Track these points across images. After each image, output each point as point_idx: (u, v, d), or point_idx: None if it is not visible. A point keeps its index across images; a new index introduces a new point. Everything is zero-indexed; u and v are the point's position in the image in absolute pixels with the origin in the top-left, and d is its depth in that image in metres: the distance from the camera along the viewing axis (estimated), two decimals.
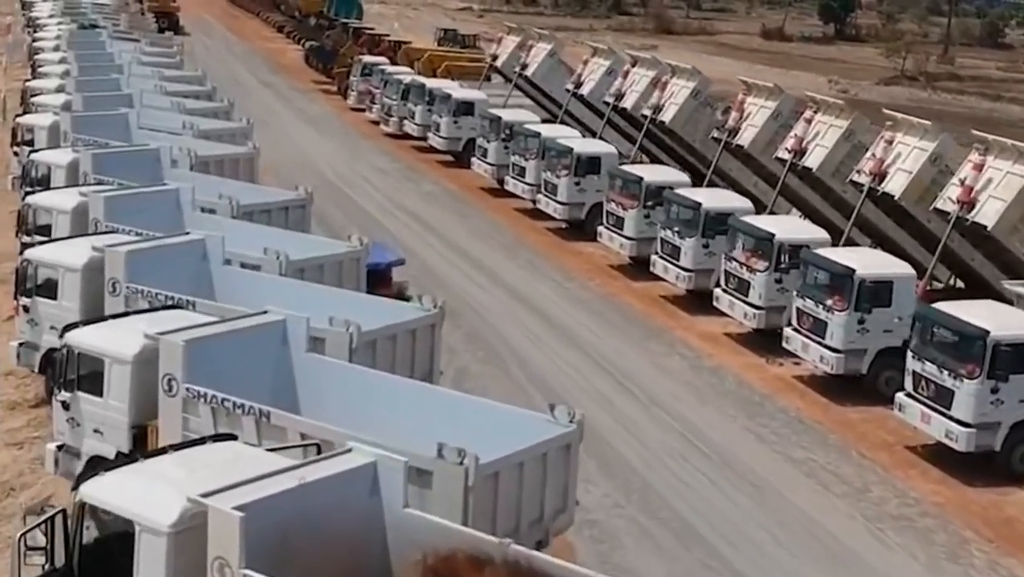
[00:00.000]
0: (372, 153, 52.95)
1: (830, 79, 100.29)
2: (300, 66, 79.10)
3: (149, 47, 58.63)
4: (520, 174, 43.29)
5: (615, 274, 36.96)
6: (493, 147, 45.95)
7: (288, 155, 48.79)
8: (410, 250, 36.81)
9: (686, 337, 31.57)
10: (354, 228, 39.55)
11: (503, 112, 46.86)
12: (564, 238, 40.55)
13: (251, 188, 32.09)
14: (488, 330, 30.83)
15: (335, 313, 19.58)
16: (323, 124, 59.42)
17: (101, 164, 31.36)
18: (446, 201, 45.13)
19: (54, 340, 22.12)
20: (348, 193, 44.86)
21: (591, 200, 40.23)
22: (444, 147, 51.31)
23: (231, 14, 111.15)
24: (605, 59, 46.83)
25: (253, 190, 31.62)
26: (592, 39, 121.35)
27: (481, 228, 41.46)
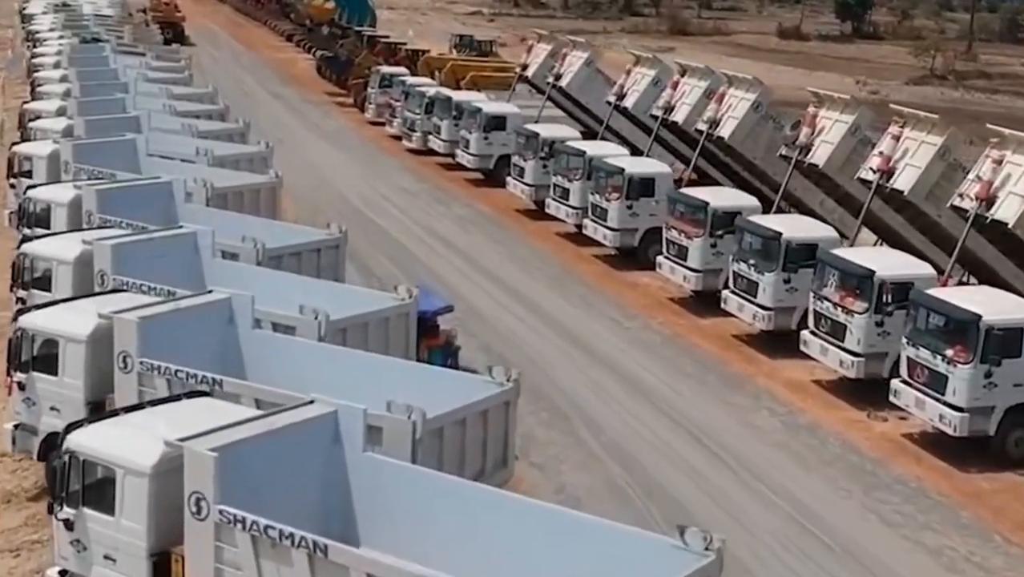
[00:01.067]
0: (396, 172, 49.06)
1: (857, 80, 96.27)
2: (312, 76, 75.26)
3: (155, 61, 54.85)
4: (563, 196, 39.41)
5: (678, 310, 33.06)
6: (531, 166, 42.05)
7: (306, 176, 44.96)
8: (449, 285, 33.09)
9: (771, 387, 27.68)
10: (383, 259, 35.91)
11: (541, 128, 42.96)
12: (616, 267, 36.67)
13: (276, 227, 28.23)
14: (548, 383, 26.95)
15: (393, 395, 16.17)
16: (341, 140, 55.56)
17: (107, 202, 27.60)
18: (481, 225, 41.24)
19: (56, 423, 18.67)
20: (374, 219, 40.97)
21: (644, 225, 36.38)
22: (474, 165, 47.42)
23: (237, 23, 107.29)
24: (650, 68, 42.95)
25: (279, 229, 27.74)
26: (607, 42, 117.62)
27: (523, 257, 37.58)
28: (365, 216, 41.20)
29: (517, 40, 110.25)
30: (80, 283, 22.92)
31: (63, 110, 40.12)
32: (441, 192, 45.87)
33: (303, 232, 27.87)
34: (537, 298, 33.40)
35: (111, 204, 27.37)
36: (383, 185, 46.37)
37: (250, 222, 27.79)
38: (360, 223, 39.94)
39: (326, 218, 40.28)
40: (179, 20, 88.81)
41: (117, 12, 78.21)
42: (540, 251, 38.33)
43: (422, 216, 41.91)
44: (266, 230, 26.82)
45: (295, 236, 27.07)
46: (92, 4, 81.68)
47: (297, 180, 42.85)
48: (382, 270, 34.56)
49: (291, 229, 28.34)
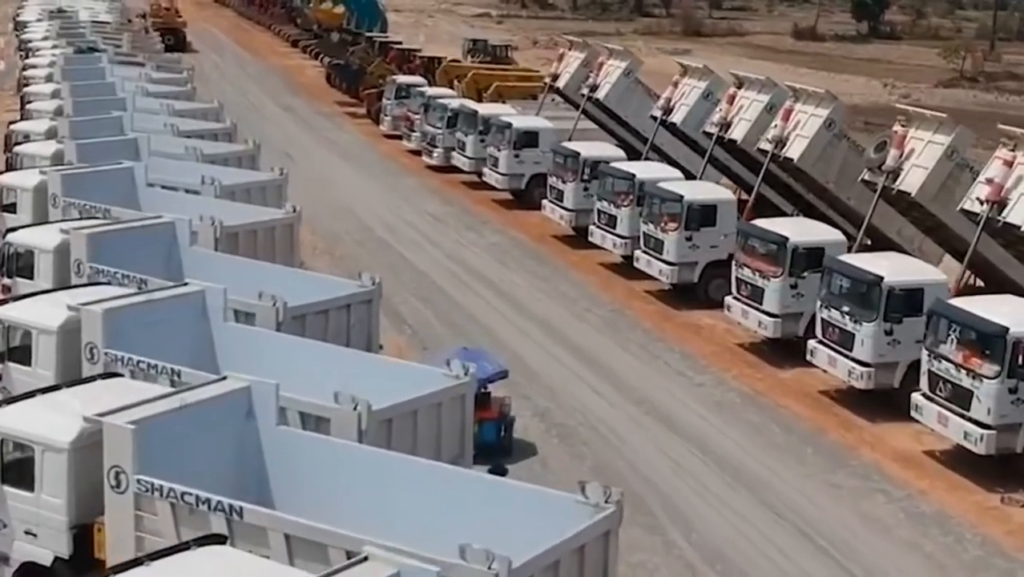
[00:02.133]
0: (419, 193, 44.70)
1: (885, 83, 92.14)
2: (320, 85, 70.90)
3: (155, 72, 50.58)
4: (609, 224, 35.10)
5: (753, 360, 28.75)
6: (570, 189, 37.71)
7: (323, 199, 40.71)
8: (490, 332, 29.01)
9: (879, 462, 23.37)
10: (414, 301, 31.59)
11: (581, 146, 38.59)
12: (674, 306, 32.36)
13: (298, 278, 23.91)
14: (621, 462, 22.73)
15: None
16: (356, 156, 51.20)
17: (99, 248, 23.45)
18: (518, 256, 36.90)
19: (33, 550, 16.06)
20: (400, 251, 36.66)
21: (705, 259, 32.14)
22: (504, 185, 43.08)
23: (241, 27, 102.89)
24: (700, 80, 38.57)
25: (301, 281, 23.40)
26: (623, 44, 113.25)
27: (569, 294, 33.24)
28: (390, 247, 36.90)
29: (528, 43, 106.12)
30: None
31: (53, 131, 35.95)
32: (470, 216, 41.54)
33: (329, 284, 23.54)
34: (591, 346, 29.09)
35: (104, 251, 23.57)
36: (406, 209, 42.02)
37: (267, 273, 23.53)
38: (385, 256, 35.72)
39: (346, 250, 36.49)
40: (180, 26, 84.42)
41: (115, 18, 73.85)
42: (586, 287, 34.02)
43: (452, 246, 37.57)
44: (286, 282, 22.63)
45: (320, 289, 22.74)
46: (89, 10, 77.41)
47: (314, 205, 38.50)
48: (415, 316, 30.34)
49: (315, 281, 24.01)
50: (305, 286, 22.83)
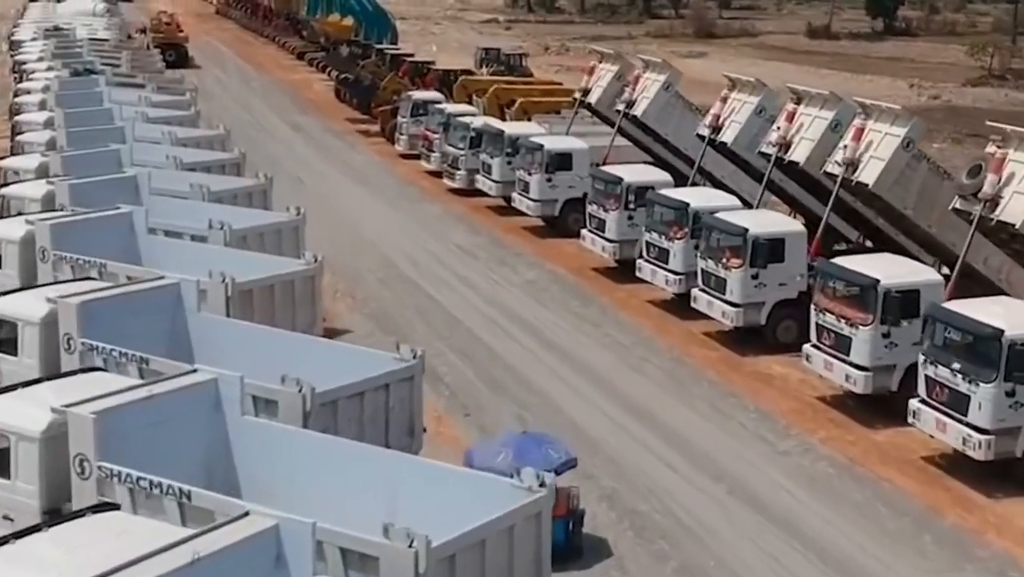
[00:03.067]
0: (443, 222, 41.10)
1: (911, 83, 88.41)
2: (329, 100, 67.34)
3: (156, 95, 46.97)
4: (660, 258, 31.52)
5: (839, 418, 25.16)
6: (614, 219, 34.10)
7: (340, 231, 37.29)
8: (536, 390, 25.41)
9: (1010, 551, 19.79)
10: (452, 355, 28.01)
11: (624, 171, 34.98)
12: (739, 351, 28.79)
13: (325, 351, 20.29)
14: (711, 563, 19.14)
15: None
16: (372, 180, 47.60)
17: (92, 319, 19.97)
18: (558, 294, 33.29)
19: None
20: (428, 290, 33.08)
21: (774, 298, 28.60)
22: (535, 212, 39.45)
23: (243, 40, 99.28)
24: (751, 94, 34.90)
25: (329, 355, 19.77)
26: (636, 49, 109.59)
27: (621, 340, 29.65)
28: (417, 287, 33.31)
29: (540, 49, 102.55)
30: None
31: (45, 169, 32.52)
32: (501, 248, 37.93)
33: (363, 359, 19.75)
34: (653, 405, 25.51)
35: (98, 319, 20.12)
36: (431, 240, 38.42)
37: (289, 346, 19.96)
38: (412, 298, 32.17)
39: (369, 291, 32.82)
40: (182, 41, 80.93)
41: (114, 35, 70.28)
42: (638, 330, 30.43)
43: (485, 283, 33.98)
44: (313, 357, 19.20)
45: (353, 366, 19.05)
46: (87, 27, 73.88)
47: (331, 237, 35.13)
48: (452, 372, 26.78)
49: (346, 355, 20.29)
50: (335, 362, 19.26)
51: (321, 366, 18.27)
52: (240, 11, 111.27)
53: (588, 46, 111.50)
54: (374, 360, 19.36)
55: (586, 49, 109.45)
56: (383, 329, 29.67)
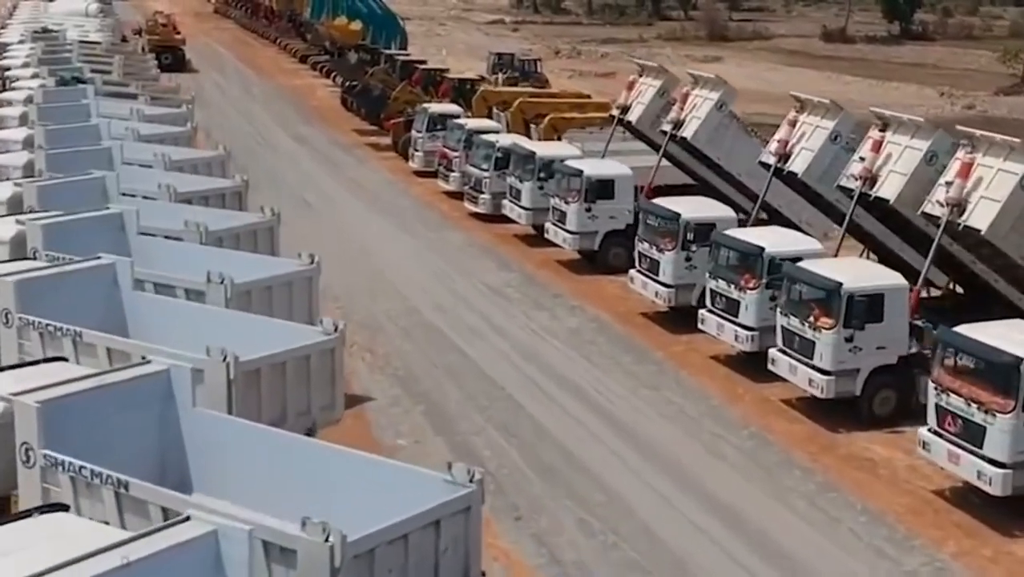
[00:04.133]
0: (468, 254, 36.54)
1: (941, 91, 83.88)
2: (335, 108, 62.73)
3: (149, 108, 42.38)
4: (728, 310, 27.00)
5: (967, 523, 20.60)
6: (670, 260, 29.55)
7: (352, 265, 33.04)
8: (597, 479, 20.96)
9: None
10: (493, 431, 23.44)
11: (681, 205, 30.40)
12: (829, 425, 24.28)
13: (360, 472, 15.70)
14: None
15: None
16: (387, 203, 43.00)
17: (62, 420, 15.39)
18: (606, 347, 28.75)
19: None
20: (457, 343, 28.53)
21: (870, 365, 24.12)
22: (572, 245, 34.88)
23: (243, 41, 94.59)
24: (826, 118, 30.33)
25: (363, 478, 15.20)
26: (650, 53, 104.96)
27: (687, 409, 25.12)
28: (445, 338, 28.75)
29: (550, 52, 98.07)
30: None
31: (17, 201, 27.94)
32: (535, 287, 33.35)
33: (407, 480, 15.19)
34: (742, 505, 20.97)
35: (67, 422, 15.59)
36: (457, 278, 33.86)
37: (306, 461, 15.44)
38: (441, 353, 27.64)
39: (391, 344, 28.16)
40: (179, 43, 76.23)
41: (107, 38, 65.48)
42: (706, 395, 25.90)
43: (521, 333, 29.42)
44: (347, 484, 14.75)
45: (394, 493, 14.49)
46: (79, 28, 69.18)
47: (344, 274, 30.88)
48: (495, 454, 22.41)
49: (382, 473, 15.71)
50: (370, 487, 14.77)
51: (355, 496, 14.42)
52: (239, 11, 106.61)
53: (599, 49, 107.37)
54: (421, 483, 14.86)
55: (598, 53, 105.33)
56: (410, 394, 25.20)
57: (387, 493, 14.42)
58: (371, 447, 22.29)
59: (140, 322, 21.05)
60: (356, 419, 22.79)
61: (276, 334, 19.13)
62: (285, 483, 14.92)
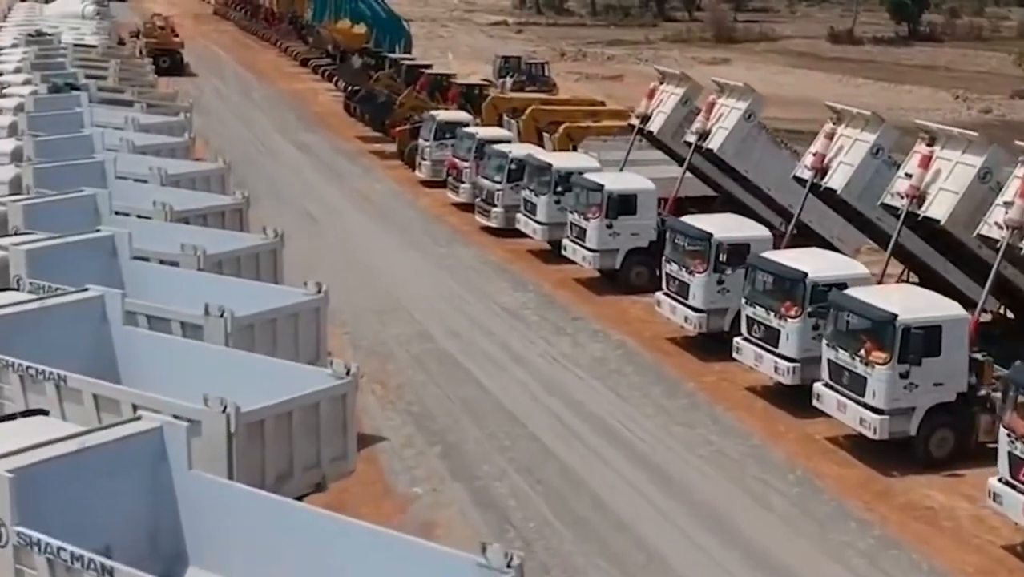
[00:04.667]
0: (481, 273, 34.49)
1: (956, 94, 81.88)
2: (337, 113, 60.72)
3: (145, 116, 40.35)
4: (767, 340, 24.94)
5: None
6: (701, 284, 27.48)
7: (359, 285, 31.15)
8: (635, 535, 18.93)
9: None
10: (522, 482, 21.34)
11: (712, 223, 28.33)
12: (882, 468, 22.22)
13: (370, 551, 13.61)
14: None
15: None
16: (394, 215, 40.93)
17: (39, 491, 13.85)
18: (634, 378, 26.67)
19: None
20: (474, 373, 26.47)
21: (927, 402, 22.13)
22: (593, 264, 32.81)
23: (243, 44, 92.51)
24: (866, 130, 28.23)
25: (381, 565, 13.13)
26: (657, 55, 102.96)
27: (727, 450, 23.02)
28: (460, 368, 26.69)
29: (555, 54, 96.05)
30: None
31: (2, 220, 25.93)
32: (554, 309, 31.28)
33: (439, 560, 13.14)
34: (797, 565, 18.94)
35: (45, 493, 13.86)
36: (470, 298, 31.82)
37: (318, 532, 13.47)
38: (457, 385, 25.60)
39: (403, 375, 25.75)
40: (177, 47, 74.14)
41: (103, 41, 63.40)
42: (744, 433, 23.84)
43: (543, 363, 27.35)
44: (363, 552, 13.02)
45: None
46: (75, 31, 67.14)
47: (352, 294, 28.83)
48: (520, 504, 20.35)
49: (405, 550, 13.68)
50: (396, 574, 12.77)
51: None
52: (239, 12, 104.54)
53: (605, 51, 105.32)
54: (451, 567, 12.81)
55: (604, 55, 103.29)
56: (424, 434, 23.17)
57: None
58: (385, 494, 20.46)
59: (131, 361, 19.38)
60: (368, 463, 20.74)
61: (281, 378, 17.17)
62: (293, 562, 13.41)
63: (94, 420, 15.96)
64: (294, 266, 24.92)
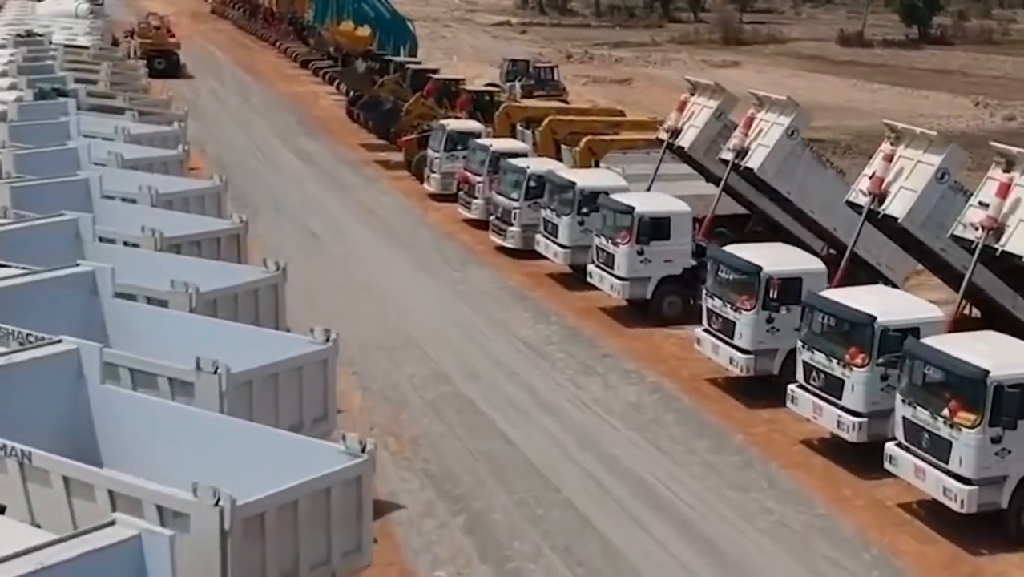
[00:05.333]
0: (499, 300, 31.60)
1: (976, 100, 79.09)
2: (340, 119, 57.87)
3: (137, 126, 37.67)
4: (828, 389, 22.05)
5: None
6: (749, 323, 24.58)
7: (368, 317, 28.42)
8: None
9: None
10: (557, 558, 18.19)
11: (760, 254, 25.38)
12: (968, 545, 19.35)
13: None
14: None
15: None
16: (402, 233, 38.05)
17: None
18: (675, 429, 23.78)
19: None
20: (498, 424, 23.57)
21: (1021, 470, 19.20)
22: (622, 293, 29.85)
23: (241, 44, 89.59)
24: (928, 151, 25.49)
25: None
26: (665, 58, 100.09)
27: (789, 522, 20.13)
28: (483, 419, 23.77)
29: (561, 56, 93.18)
30: None
31: None
32: (580, 343, 28.39)
33: None
34: None
35: None
36: (489, 331, 28.94)
37: None
38: (479, 438, 22.76)
39: (418, 424, 22.65)
40: (173, 47, 71.25)
41: (95, 42, 60.49)
42: (806, 499, 20.95)
43: (573, 410, 24.46)
44: None
45: None
46: (67, 31, 64.28)
47: (359, 328, 26.14)
48: None
49: None
50: None
51: None
52: (237, 11, 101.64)
53: (612, 54, 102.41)
54: None
55: (611, 57, 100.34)
56: (446, 500, 20.30)
57: None
58: None
59: (111, 427, 16.84)
60: (383, 537, 17.93)
61: (285, 454, 14.87)
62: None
63: (64, 508, 13.94)
64: (295, 291, 22.22)
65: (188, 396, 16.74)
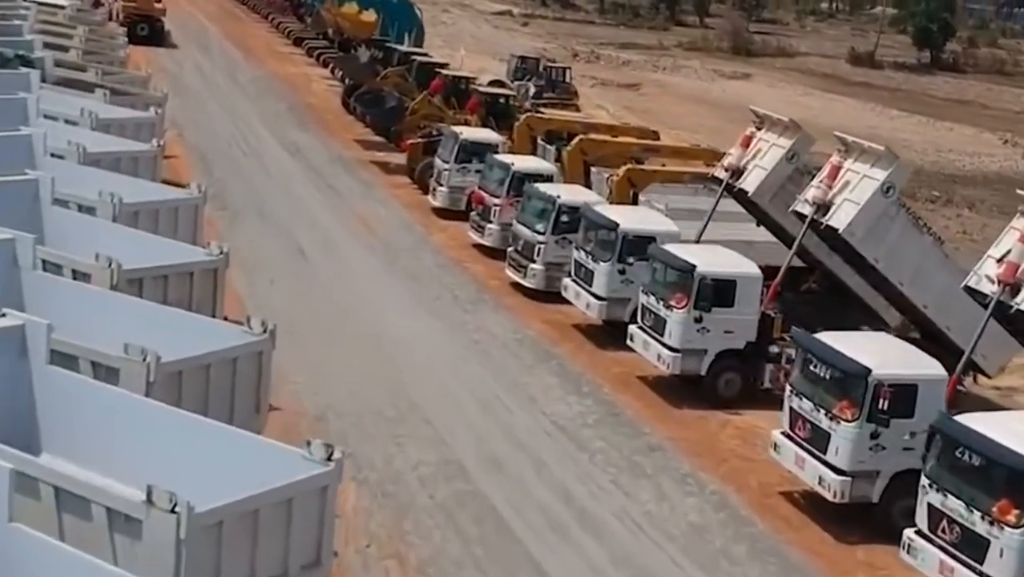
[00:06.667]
0: (519, 357, 26.34)
1: (1004, 138, 74.43)
2: (333, 107, 52.65)
3: (107, 108, 32.22)
4: (964, 546, 16.94)
5: None
6: (849, 437, 19.42)
7: (365, 375, 23.07)
8: None
9: None
10: None
11: (864, 351, 20.17)
12: None
13: None
14: None
15: None
16: (404, 257, 32.74)
17: None
18: (752, 569, 18.69)
19: None
20: (526, 543, 18.33)
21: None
22: (674, 367, 24.46)
23: (232, 14, 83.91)
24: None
25: None
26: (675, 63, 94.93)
27: None
28: (507, 533, 18.52)
29: (566, 53, 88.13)
30: None
31: None
32: (622, 429, 23.13)
33: None
34: None
35: None
36: (512, 404, 23.68)
37: None
38: (505, 565, 17.49)
39: (428, 543, 17.05)
40: (158, 13, 65.57)
41: (72, 2, 54.66)
42: None
43: (621, 529, 19.25)
44: None
45: None
46: None
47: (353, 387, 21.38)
48: None
49: None
50: None
51: None
52: None
53: (619, 55, 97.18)
54: None
55: (618, 58, 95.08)
56: None
57: None
58: None
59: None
60: None
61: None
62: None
63: None
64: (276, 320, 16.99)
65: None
